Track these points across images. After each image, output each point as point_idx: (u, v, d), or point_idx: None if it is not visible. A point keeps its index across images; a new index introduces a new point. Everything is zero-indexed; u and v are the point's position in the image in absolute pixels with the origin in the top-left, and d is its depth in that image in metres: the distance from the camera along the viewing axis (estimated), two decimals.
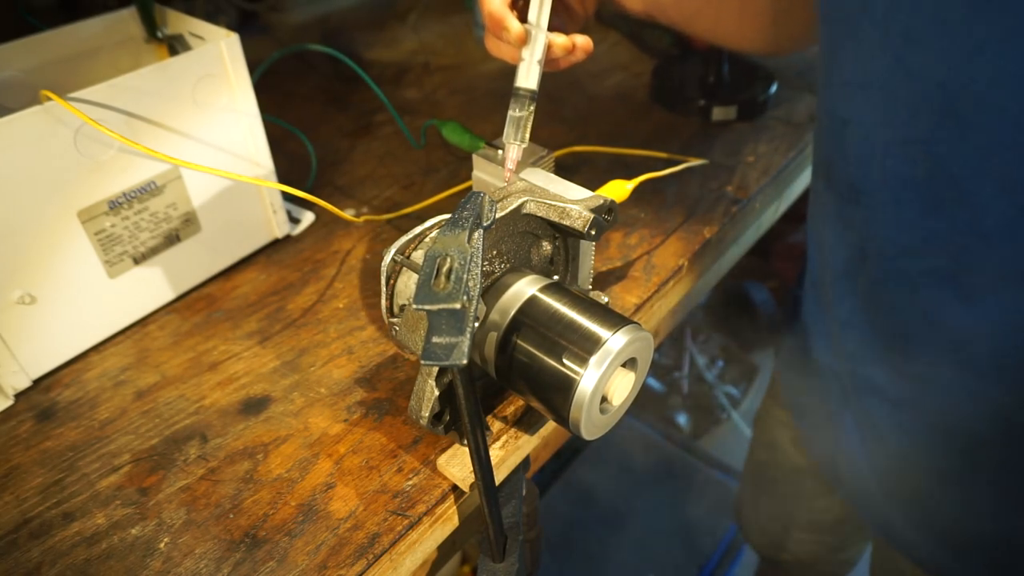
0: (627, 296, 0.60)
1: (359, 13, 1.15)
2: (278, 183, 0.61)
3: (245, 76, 0.58)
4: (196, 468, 0.47)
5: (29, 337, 0.52)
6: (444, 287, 0.34)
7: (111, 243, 0.55)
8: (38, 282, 0.51)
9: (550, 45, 0.51)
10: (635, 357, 0.43)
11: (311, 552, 0.42)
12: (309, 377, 0.54)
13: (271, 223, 0.66)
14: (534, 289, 0.44)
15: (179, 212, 0.58)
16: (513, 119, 0.52)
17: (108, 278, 0.56)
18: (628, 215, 0.68)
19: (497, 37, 0.51)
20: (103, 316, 0.57)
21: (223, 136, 0.59)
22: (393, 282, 0.45)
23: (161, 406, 0.52)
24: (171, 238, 0.59)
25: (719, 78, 0.85)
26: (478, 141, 0.75)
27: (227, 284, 0.63)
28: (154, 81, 0.53)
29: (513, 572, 0.45)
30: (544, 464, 0.69)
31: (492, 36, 0.52)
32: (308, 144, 0.77)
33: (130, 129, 0.52)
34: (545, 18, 0.50)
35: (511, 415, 0.49)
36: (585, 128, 0.83)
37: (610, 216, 0.48)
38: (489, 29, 0.51)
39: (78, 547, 0.43)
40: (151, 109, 0.53)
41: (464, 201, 0.40)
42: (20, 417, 0.51)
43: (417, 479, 0.46)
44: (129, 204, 0.55)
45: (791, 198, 0.86)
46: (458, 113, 0.87)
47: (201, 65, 0.55)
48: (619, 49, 1.02)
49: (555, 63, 0.53)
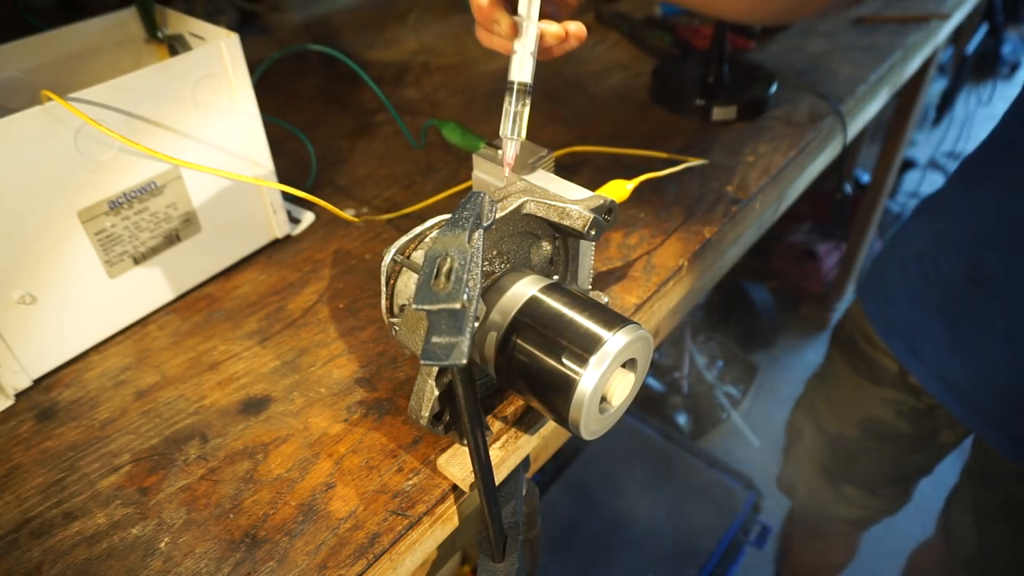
0: (627, 296, 0.60)
1: (359, 13, 1.15)
2: (278, 183, 0.61)
3: (245, 76, 0.58)
4: (196, 468, 0.47)
5: (30, 337, 0.52)
6: (444, 287, 0.34)
7: (111, 243, 0.55)
8: (39, 282, 0.51)
9: (542, 35, 0.49)
10: (635, 357, 0.43)
11: (311, 552, 0.42)
12: (309, 377, 0.54)
13: (271, 223, 0.66)
14: (534, 289, 0.44)
15: (179, 212, 0.58)
16: (509, 113, 0.50)
17: (108, 278, 0.56)
18: (628, 215, 0.68)
19: (488, 30, 0.50)
20: (103, 316, 0.57)
21: (223, 136, 0.59)
22: (393, 282, 0.46)
23: (161, 406, 0.52)
24: (171, 238, 0.59)
25: (719, 78, 0.85)
26: (478, 141, 0.75)
27: (227, 284, 0.63)
28: (154, 81, 0.53)
29: (513, 572, 0.45)
30: (544, 464, 0.69)
31: (483, 28, 0.51)
32: (308, 144, 0.77)
33: (130, 129, 0.52)
34: (535, 9, 0.49)
35: (511, 415, 0.49)
36: (585, 128, 0.83)
37: (610, 216, 0.48)
38: (479, 22, 0.50)
39: (78, 547, 0.43)
40: (151, 109, 0.53)
41: (464, 201, 0.40)
42: (21, 417, 0.51)
43: (417, 479, 0.46)
44: (129, 204, 0.55)
45: (791, 198, 0.86)
46: (458, 113, 0.87)
47: (201, 65, 0.55)
48: (619, 49, 1.02)
49: (548, 52, 0.52)
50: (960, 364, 0.73)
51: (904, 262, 0.80)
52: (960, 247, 0.72)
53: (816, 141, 0.81)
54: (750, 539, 1.33)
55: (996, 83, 2.69)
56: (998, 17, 2.47)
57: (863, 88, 0.89)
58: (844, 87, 0.89)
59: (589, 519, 1.34)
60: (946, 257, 0.73)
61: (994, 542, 0.82)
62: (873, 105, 0.98)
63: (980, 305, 0.69)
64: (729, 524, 1.33)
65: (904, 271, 0.79)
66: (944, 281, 0.73)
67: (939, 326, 0.74)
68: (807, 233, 2.10)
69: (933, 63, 1.45)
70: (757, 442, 1.76)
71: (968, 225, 0.72)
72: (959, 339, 0.72)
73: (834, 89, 0.88)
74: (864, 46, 0.98)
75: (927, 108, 2.61)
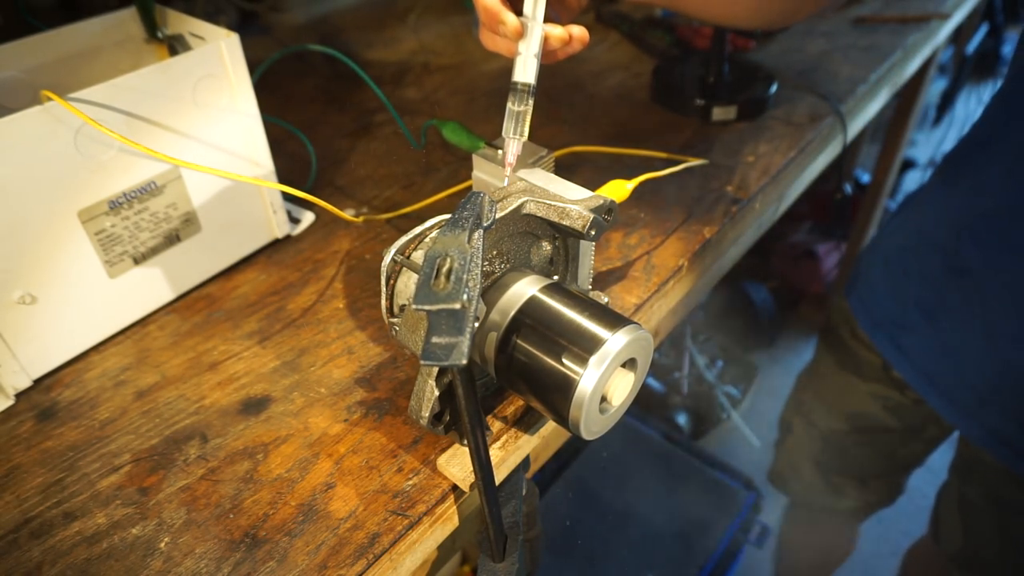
0: (627, 296, 0.60)
1: (359, 13, 1.15)
2: (278, 183, 0.61)
3: (245, 76, 0.58)
4: (196, 468, 0.47)
5: (30, 337, 0.52)
6: (444, 287, 0.34)
7: (111, 243, 0.55)
8: (39, 282, 0.51)
9: (547, 37, 0.50)
10: (635, 357, 0.43)
11: (311, 552, 0.42)
12: (309, 377, 0.54)
13: (271, 223, 0.66)
14: (534, 289, 0.44)
15: (179, 212, 0.58)
16: (512, 113, 0.52)
17: (108, 278, 0.56)
18: (628, 215, 0.68)
19: (492, 31, 0.51)
20: (103, 316, 0.57)
21: (223, 136, 0.59)
22: (393, 282, 0.46)
23: (161, 406, 0.52)
24: (171, 238, 0.59)
25: (719, 78, 0.85)
26: (478, 141, 0.75)
27: (227, 284, 0.63)
28: (154, 81, 0.53)
29: (513, 572, 0.45)
30: (544, 464, 0.69)
31: (487, 30, 0.52)
32: (308, 144, 0.77)
33: (130, 129, 0.52)
34: (541, 11, 0.50)
35: (511, 415, 0.49)
36: (585, 128, 0.83)
37: (610, 216, 0.48)
38: (484, 23, 0.51)
39: (78, 547, 0.43)
40: (151, 109, 0.53)
41: (464, 201, 0.40)
42: (21, 417, 0.51)
43: (417, 479, 0.46)
44: (129, 204, 0.55)
45: (791, 198, 0.86)
46: (458, 113, 0.87)
47: (201, 65, 0.55)
48: (619, 49, 1.02)
49: (552, 55, 0.53)
50: (940, 358, 0.74)
51: (886, 257, 0.81)
52: (938, 240, 0.73)
53: (816, 141, 0.81)
54: (750, 539, 1.33)
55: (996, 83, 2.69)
56: (998, 17, 2.47)
57: (863, 88, 0.89)
58: (844, 87, 0.89)
59: (589, 519, 1.34)
60: (926, 250, 0.74)
61: (978, 536, 0.82)
62: (873, 105, 0.98)
63: (959, 297, 0.70)
64: (729, 524, 1.33)
65: (886, 266, 0.80)
66: (924, 274, 0.74)
67: (920, 320, 0.75)
68: (807, 233, 2.10)
69: (933, 63, 1.45)
70: (757, 442, 1.76)
71: (945, 218, 0.73)
72: (939, 333, 0.73)
73: (834, 89, 0.88)
74: (864, 46, 0.98)
75: (927, 108, 2.61)
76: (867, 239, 1.85)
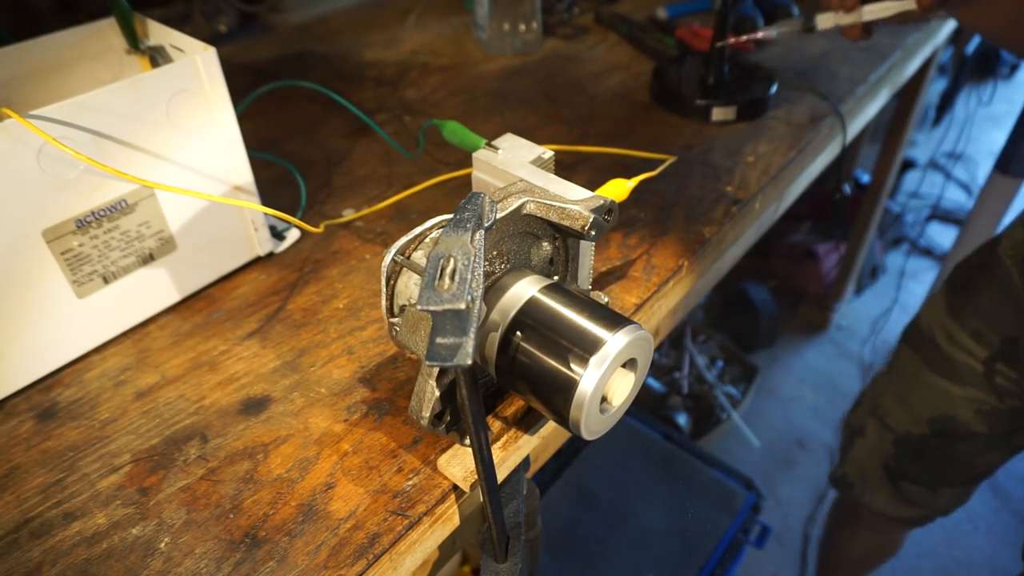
0: (627, 296, 0.60)
1: (359, 13, 1.15)
2: (257, 203, 0.57)
3: (223, 91, 0.55)
4: (196, 468, 0.47)
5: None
6: (448, 288, 0.34)
7: (79, 262, 0.52)
8: (2, 301, 0.49)
9: None
10: (635, 357, 0.43)
11: (311, 552, 0.42)
12: (309, 377, 0.54)
13: (252, 241, 0.63)
14: (534, 289, 0.44)
15: (152, 231, 0.56)
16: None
17: (76, 298, 0.53)
18: (628, 215, 0.68)
19: None
20: (71, 337, 0.55)
21: (200, 153, 0.56)
22: (393, 282, 0.45)
23: (161, 406, 0.52)
24: (144, 257, 0.56)
25: (719, 78, 0.85)
26: (478, 141, 0.75)
27: (227, 284, 0.63)
28: (124, 98, 0.50)
29: (516, 572, 0.45)
30: (544, 464, 0.69)
31: None
32: (294, 170, 0.76)
33: (98, 147, 0.50)
34: None
35: (511, 415, 0.49)
36: (585, 128, 0.83)
37: (610, 216, 0.48)
38: None
39: (78, 547, 0.43)
40: (121, 127, 0.50)
41: (464, 202, 0.40)
42: (21, 417, 0.51)
43: (417, 479, 0.46)
44: (98, 223, 0.52)
45: (791, 198, 0.86)
46: (458, 113, 0.87)
47: (175, 81, 0.52)
48: (619, 49, 1.02)
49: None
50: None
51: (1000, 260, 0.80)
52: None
53: (816, 141, 0.82)
54: (750, 539, 1.33)
55: (996, 83, 2.69)
56: None
57: (863, 88, 0.89)
58: (844, 87, 0.89)
59: (589, 519, 1.34)
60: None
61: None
62: (873, 105, 0.98)
63: None
64: (729, 524, 1.33)
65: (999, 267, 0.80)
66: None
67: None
68: (807, 233, 2.10)
69: (933, 63, 1.46)
70: (757, 442, 1.76)
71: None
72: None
73: (834, 89, 0.88)
74: (864, 46, 0.98)
75: (927, 108, 2.61)
76: (867, 239, 1.85)
